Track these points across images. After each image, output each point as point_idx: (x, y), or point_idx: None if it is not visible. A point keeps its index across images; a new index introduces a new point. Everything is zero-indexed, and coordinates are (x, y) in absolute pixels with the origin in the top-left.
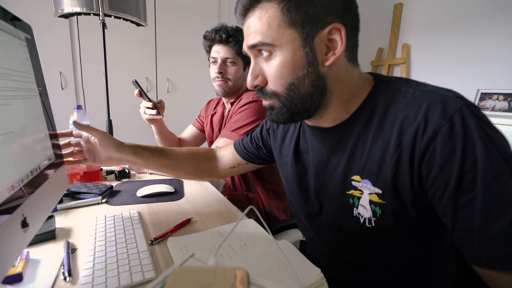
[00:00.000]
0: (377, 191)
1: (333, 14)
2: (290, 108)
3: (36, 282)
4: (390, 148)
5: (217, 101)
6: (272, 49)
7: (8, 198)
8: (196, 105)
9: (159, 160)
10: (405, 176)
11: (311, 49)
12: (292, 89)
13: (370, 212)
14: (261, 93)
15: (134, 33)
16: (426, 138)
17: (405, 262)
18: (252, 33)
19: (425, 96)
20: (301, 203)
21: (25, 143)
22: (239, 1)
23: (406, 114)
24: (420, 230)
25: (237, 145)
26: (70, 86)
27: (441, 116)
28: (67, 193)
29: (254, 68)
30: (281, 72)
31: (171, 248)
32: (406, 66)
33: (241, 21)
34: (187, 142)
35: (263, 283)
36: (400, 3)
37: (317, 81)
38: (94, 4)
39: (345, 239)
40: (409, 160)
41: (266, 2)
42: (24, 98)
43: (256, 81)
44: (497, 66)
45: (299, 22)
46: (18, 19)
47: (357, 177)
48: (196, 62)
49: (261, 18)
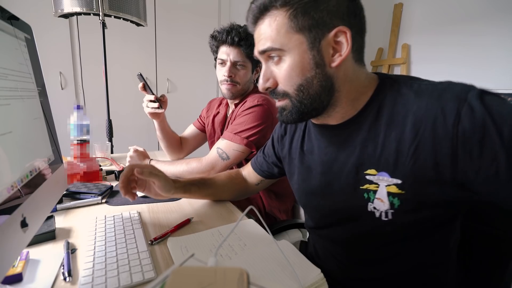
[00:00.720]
0: (395, 182)
1: (338, 18)
2: (300, 108)
3: (36, 282)
4: (405, 139)
5: (219, 101)
6: (281, 53)
7: (7, 198)
8: (196, 105)
9: (204, 191)
10: (428, 165)
11: (318, 52)
12: (301, 89)
13: (387, 204)
14: (273, 94)
15: (134, 33)
16: (451, 124)
17: (413, 257)
18: (263, 39)
19: (431, 88)
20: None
21: (24, 143)
22: (249, 10)
23: (419, 106)
24: (435, 222)
25: (253, 164)
26: (70, 86)
27: (456, 100)
28: (67, 193)
29: (266, 72)
30: (290, 74)
31: (171, 248)
32: (406, 66)
33: (252, 29)
34: (187, 142)
35: (263, 284)
36: (400, 3)
37: (325, 81)
38: (94, 4)
39: (358, 236)
40: (432, 148)
41: (275, 10)
42: (24, 98)
43: (267, 84)
44: (498, 66)
45: (306, 27)
46: (17, 19)
47: (372, 170)
48: (196, 62)
49: (270, 25)
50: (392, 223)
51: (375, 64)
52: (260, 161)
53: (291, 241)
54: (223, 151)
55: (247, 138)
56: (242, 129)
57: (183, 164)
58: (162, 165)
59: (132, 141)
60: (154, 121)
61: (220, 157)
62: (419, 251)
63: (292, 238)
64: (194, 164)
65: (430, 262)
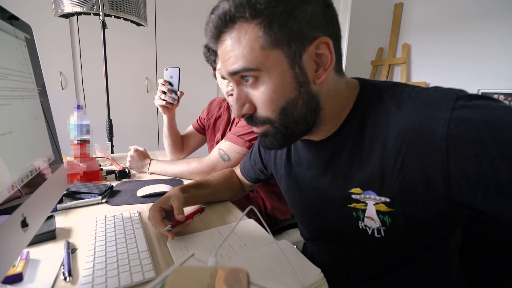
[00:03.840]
0: (384, 200)
1: (317, 27)
2: (286, 132)
3: (36, 282)
4: (389, 155)
5: (219, 103)
6: (258, 74)
7: (7, 198)
8: (196, 105)
9: (202, 191)
10: (417, 181)
11: (300, 69)
12: (285, 113)
13: (378, 222)
14: (251, 120)
15: (134, 33)
16: (439, 136)
17: (411, 269)
18: (232, 58)
19: (416, 95)
20: (303, 217)
21: (24, 143)
22: (209, 22)
23: (401, 117)
24: (432, 234)
25: (241, 169)
26: (70, 86)
27: (443, 109)
28: (67, 193)
29: (239, 96)
30: (271, 98)
31: (171, 248)
32: (406, 66)
33: (214, 44)
34: (187, 142)
35: (263, 283)
36: (400, 3)
37: (310, 101)
38: (94, 4)
39: (351, 249)
40: (419, 164)
41: (244, 23)
42: (24, 98)
43: (244, 110)
44: (498, 66)
45: (285, 42)
46: (17, 19)
47: (357, 189)
48: (196, 62)
49: (239, 40)
50: (386, 239)
51: (375, 64)
52: (247, 167)
53: (291, 241)
54: (224, 153)
55: (250, 142)
56: (245, 132)
57: (183, 164)
58: (163, 165)
59: (132, 141)
60: (164, 117)
61: (222, 158)
62: (417, 262)
63: (292, 238)
64: (194, 164)
65: (430, 271)
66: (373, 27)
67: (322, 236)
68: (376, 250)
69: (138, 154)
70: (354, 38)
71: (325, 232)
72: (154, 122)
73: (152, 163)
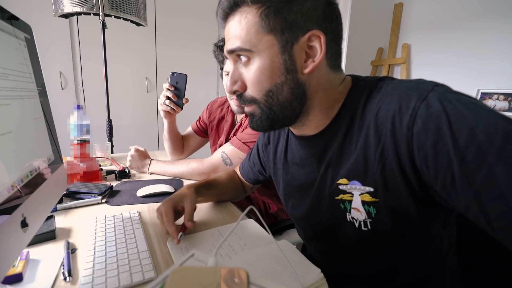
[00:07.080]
0: (368, 190)
1: (313, 21)
2: (270, 115)
3: (36, 282)
4: (371, 143)
5: (220, 104)
6: (250, 54)
7: (7, 198)
8: (196, 105)
9: (212, 191)
10: (395, 170)
11: (290, 56)
12: (270, 95)
13: (364, 213)
14: (241, 99)
15: (134, 33)
16: (406, 125)
17: (402, 267)
18: (232, 38)
19: (397, 86)
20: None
21: (24, 143)
22: (220, 4)
23: (380, 107)
24: (418, 228)
25: (241, 170)
26: (70, 86)
27: (415, 99)
28: (67, 193)
29: (234, 73)
30: (259, 78)
31: (171, 248)
32: (406, 66)
33: (222, 25)
34: (187, 143)
35: (263, 283)
36: (400, 3)
37: (296, 88)
38: (94, 4)
39: (343, 248)
40: (394, 152)
41: (246, 7)
42: (24, 98)
43: (235, 87)
44: (498, 66)
45: (278, 29)
46: (17, 19)
47: (343, 180)
48: (197, 62)
49: (240, 22)
50: (373, 233)
51: (375, 64)
52: (247, 168)
53: (291, 241)
54: (227, 157)
55: None
56: (252, 140)
57: (183, 164)
58: (163, 165)
59: (132, 141)
60: (165, 121)
61: (224, 161)
62: (409, 265)
63: (292, 238)
64: (194, 165)
65: (423, 274)
66: (373, 27)
67: (315, 234)
68: (365, 249)
69: (139, 154)
70: (354, 38)
71: (316, 228)
72: (154, 122)
73: (152, 163)
